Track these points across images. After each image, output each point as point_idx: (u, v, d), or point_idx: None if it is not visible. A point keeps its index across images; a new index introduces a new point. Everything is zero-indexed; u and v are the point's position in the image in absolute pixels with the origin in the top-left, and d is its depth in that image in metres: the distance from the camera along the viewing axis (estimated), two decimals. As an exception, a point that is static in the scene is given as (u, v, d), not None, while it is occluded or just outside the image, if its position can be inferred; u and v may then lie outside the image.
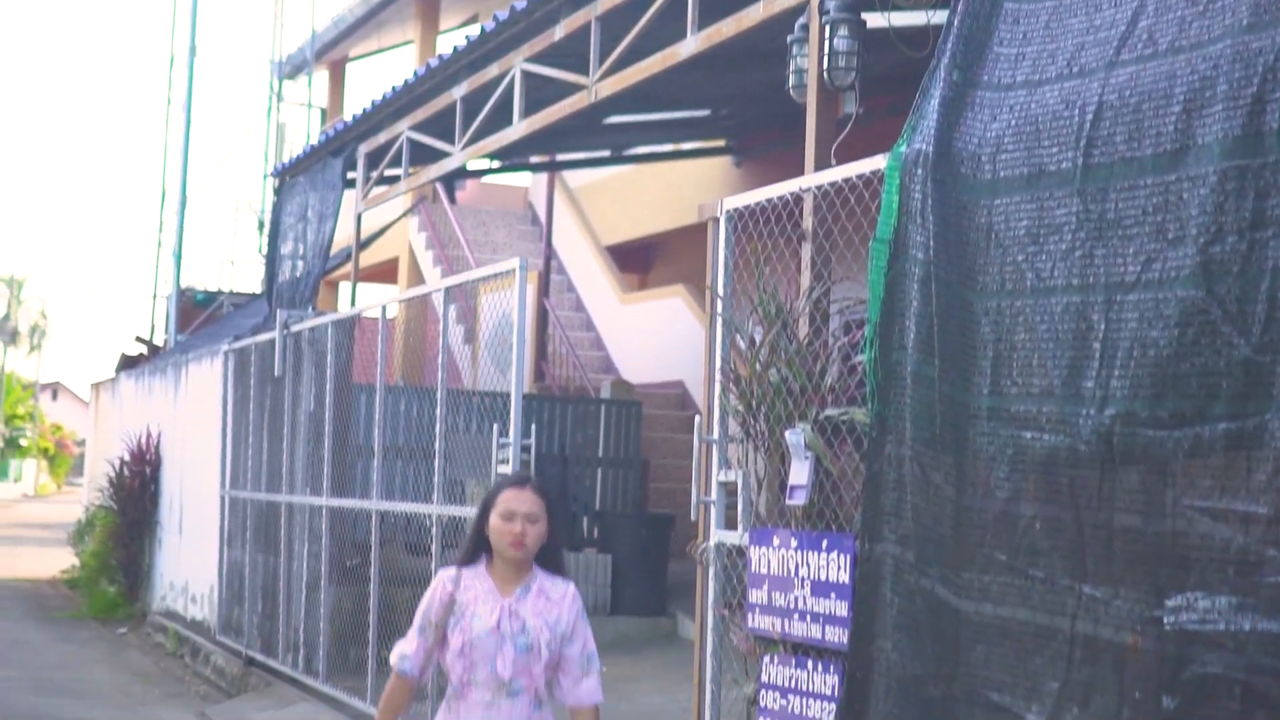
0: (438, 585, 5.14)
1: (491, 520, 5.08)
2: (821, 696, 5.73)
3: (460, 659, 5.00)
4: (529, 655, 4.99)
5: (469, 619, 5.02)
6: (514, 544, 5.03)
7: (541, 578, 5.13)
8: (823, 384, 5.97)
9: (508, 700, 4.99)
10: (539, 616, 5.04)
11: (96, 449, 26.59)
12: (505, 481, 5.27)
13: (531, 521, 5.04)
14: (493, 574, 5.12)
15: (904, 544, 5.22)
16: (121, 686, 14.27)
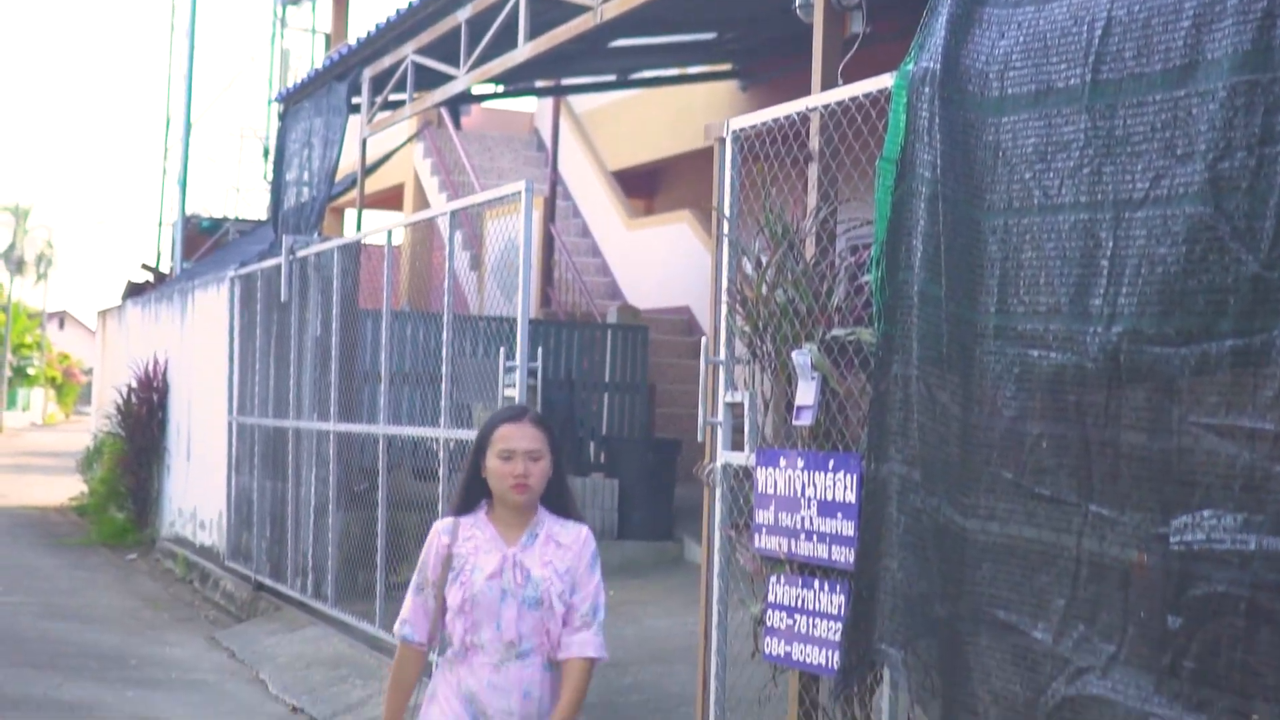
0: (432, 539, 4.70)
1: (489, 461, 4.61)
2: (828, 616, 5.75)
3: (461, 618, 4.59)
4: (539, 611, 4.56)
5: (469, 573, 4.59)
6: (516, 487, 4.57)
7: (550, 522, 4.68)
8: (829, 304, 5.96)
9: (516, 663, 4.58)
10: (547, 565, 4.60)
11: (104, 377, 26.63)
12: (500, 416, 4.71)
13: (534, 459, 4.58)
14: (494, 521, 4.66)
15: (910, 463, 5.22)
16: (131, 612, 14.37)
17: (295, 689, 10.62)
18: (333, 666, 10.98)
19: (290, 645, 12.04)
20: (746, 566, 6.36)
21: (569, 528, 4.70)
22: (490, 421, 4.70)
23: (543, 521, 4.67)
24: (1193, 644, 4.09)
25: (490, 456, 4.61)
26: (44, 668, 11.00)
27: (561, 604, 4.58)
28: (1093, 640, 4.44)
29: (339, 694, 10.26)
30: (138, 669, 11.35)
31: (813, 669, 5.90)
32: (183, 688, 10.74)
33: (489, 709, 4.58)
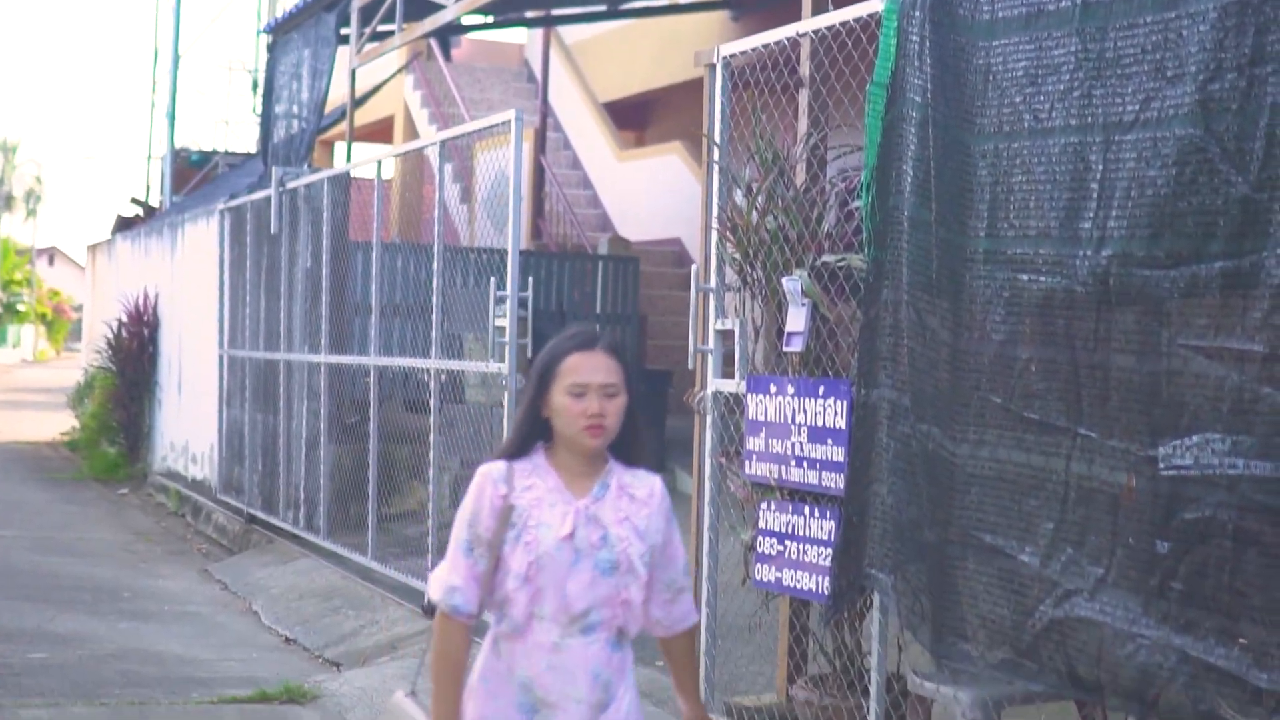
0: (483, 487, 3.84)
1: (554, 398, 3.79)
2: (818, 541, 5.77)
3: (525, 586, 3.76)
4: (614, 577, 3.79)
5: (535, 530, 3.78)
6: (591, 429, 3.77)
7: (619, 471, 3.91)
8: (819, 230, 5.96)
9: (580, 639, 3.79)
10: (623, 523, 3.84)
11: (94, 312, 26.59)
12: (567, 343, 3.87)
13: (609, 395, 3.78)
14: (557, 467, 3.86)
15: (900, 389, 5.23)
16: (124, 545, 14.40)
17: (288, 620, 10.66)
18: (325, 598, 11.02)
19: (283, 577, 12.08)
20: (737, 494, 6.38)
21: (641, 478, 3.94)
22: (555, 350, 3.88)
23: (612, 470, 3.89)
24: (1180, 566, 4.12)
25: (556, 392, 3.79)
26: (37, 601, 11.03)
27: (643, 567, 3.82)
28: (1081, 563, 4.47)
29: (332, 625, 10.30)
30: (130, 601, 11.38)
31: (803, 594, 5.93)
32: (175, 620, 10.77)
33: (551, 696, 3.79)
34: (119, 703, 8.11)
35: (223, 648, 9.87)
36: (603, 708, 3.81)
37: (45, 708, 7.92)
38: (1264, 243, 3.86)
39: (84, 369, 26.01)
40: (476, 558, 3.81)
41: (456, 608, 3.82)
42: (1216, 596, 4.02)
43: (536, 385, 3.85)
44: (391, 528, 11.88)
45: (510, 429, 4.12)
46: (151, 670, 9.00)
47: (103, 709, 7.99)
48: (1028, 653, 4.69)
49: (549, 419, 3.84)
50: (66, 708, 7.97)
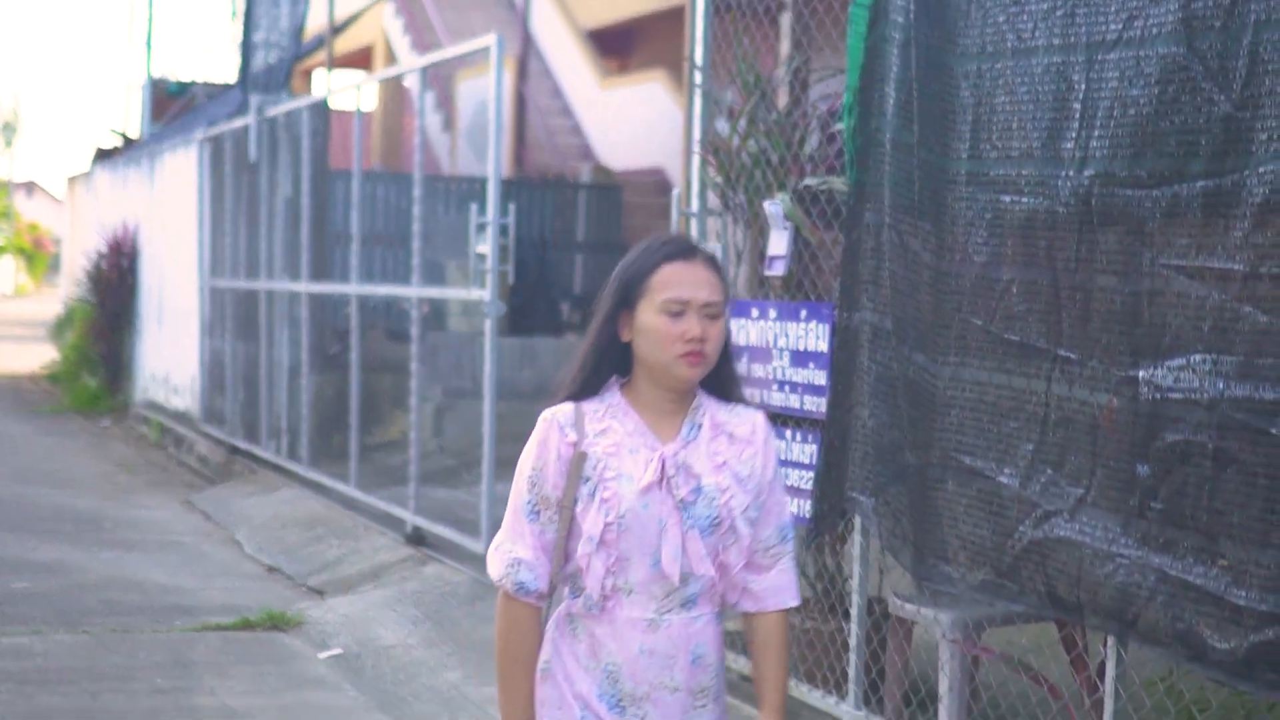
0: (547, 436, 3.12)
1: (643, 318, 3.06)
2: (800, 465, 5.79)
3: (601, 552, 3.05)
4: (714, 537, 3.07)
5: (613, 483, 3.06)
6: (691, 357, 3.04)
7: (711, 406, 3.17)
8: (801, 153, 5.94)
9: (680, 614, 3.08)
10: (722, 469, 3.11)
11: (74, 245, 26.48)
12: (658, 250, 3.13)
13: (711, 317, 3.05)
14: (636, 406, 3.13)
15: (881, 312, 5.23)
16: (106, 476, 14.40)
17: (271, 549, 10.68)
18: (308, 527, 11.04)
19: (265, 507, 12.09)
20: (719, 418, 6.37)
21: (740, 414, 3.19)
22: (645, 258, 3.14)
23: (702, 405, 3.15)
24: (1160, 486, 4.12)
25: (645, 310, 3.06)
26: (18, 530, 11.04)
27: (746, 525, 3.10)
28: (1060, 484, 4.47)
29: (315, 553, 10.32)
30: (113, 531, 11.39)
31: (784, 518, 5.93)
32: (158, 549, 10.79)
33: (642, 687, 3.09)
34: (102, 630, 8.13)
35: (206, 576, 9.89)
36: (703, 695, 3.13)
37: (28, 635, 7.95)
38: (1246, 161, 3.84)
39: (64, 302, 25.91)
40: (544, 523, 3.09)
41: (523, 585, 3.09)
42: (1195, 516, 4.03)
43: (616, 301, 3.10)
44: (374, 457, 11.90)
45: (575, 361, 3.16)
46: (134, 598, 9.02)
47: (86, 636, 8.01)
48: (1008, 574, 4.70)
49: (629, 345, 3.10)
50: (49, 635, 7.99)
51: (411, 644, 7.86)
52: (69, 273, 27.10)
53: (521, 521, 3.11)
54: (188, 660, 7.63)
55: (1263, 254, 3.81)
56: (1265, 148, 3.79)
